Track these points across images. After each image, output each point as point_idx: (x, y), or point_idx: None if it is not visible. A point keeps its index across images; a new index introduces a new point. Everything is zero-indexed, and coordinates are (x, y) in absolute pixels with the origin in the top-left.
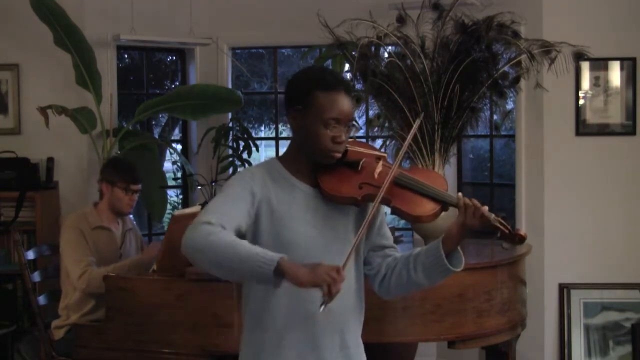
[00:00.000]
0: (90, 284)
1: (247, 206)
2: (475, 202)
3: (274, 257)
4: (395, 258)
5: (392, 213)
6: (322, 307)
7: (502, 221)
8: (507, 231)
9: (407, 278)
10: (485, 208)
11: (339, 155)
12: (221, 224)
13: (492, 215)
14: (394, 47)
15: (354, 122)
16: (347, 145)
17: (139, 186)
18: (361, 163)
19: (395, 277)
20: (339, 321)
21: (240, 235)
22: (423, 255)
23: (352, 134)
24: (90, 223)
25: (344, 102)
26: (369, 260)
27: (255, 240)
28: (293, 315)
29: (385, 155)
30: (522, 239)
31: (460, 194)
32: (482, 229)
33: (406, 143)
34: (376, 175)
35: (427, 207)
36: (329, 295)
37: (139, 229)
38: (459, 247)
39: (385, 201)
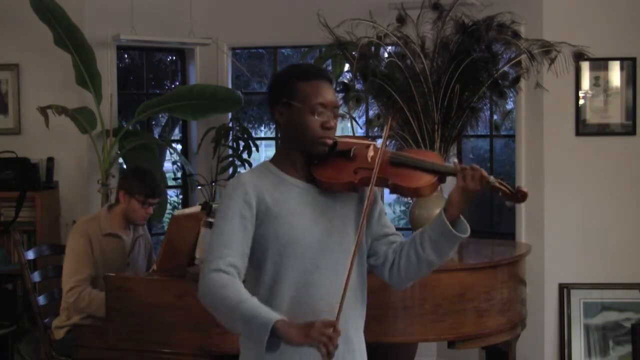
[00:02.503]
0: (78, 301)
1: (245, 222)
2: (475, 166)
3: (270, 322)
4: (400, 243)
5: (391, 192)
6: None
7: (502, 182)
8: (508, 191)
9: (416, 258)
10: (484, 171)
11: (330, 141)
12: (231, 263)
13: (491, 177)
14: (394, 47)
15: (343, 111)
16: (336, 138)
17: (157, 200)
18: (353, 150)
19: (404, 261)
20: (342, 316)
21: (246, 253)
22: (428, 230)
23: (339, 125)
24: (101, 229)
25: (327, 89)
26: (374, 251)
27: (258, 244)
28: (296, 313)
29: (375, 142)
30: (524, 195)
31: (456, 160)
32: (482, 191)
33: (386, 128)
34: (369, 159)
35: (424, 179)
36: (327, 355)
37: (149, 234)
38: (461, 216)
39: (383, 181)
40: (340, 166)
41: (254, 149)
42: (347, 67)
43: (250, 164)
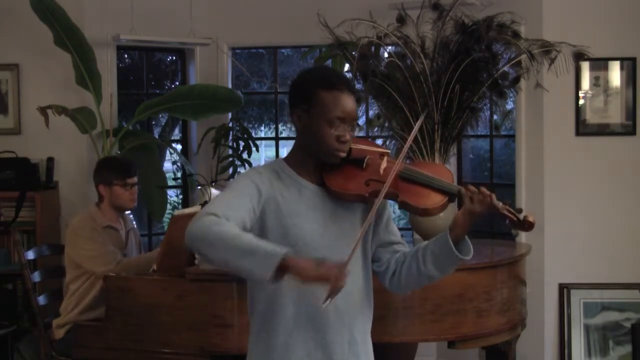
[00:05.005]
0: (126, 266)
1: (252, 202)
2: (483, 190)
3: (280, 251)
4: (404, 253)
5: (400, 207)
6: (326, 302)
7: (510, 209)
8: (515, 219)
9: (417, 271)
10: (493, 196)
11: (343, 154)
12: (226, 216)
13: (500, 204)
14: (394, 47)
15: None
16: (351, 144)
17: (136, 178)
18: (366, 160)
19: (405, 272)
20: (347, 318)
21: (245, 230)
22: (432, 246)
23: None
24: (99, 223)
25: (348, 101)
26: (378, 257)
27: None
28: (302, 314)
29: (389, 151)
30: (531, 225)
31: (470, 186)
32: (489, 216)
33: (410, 138)
34: (381, 171)
35: (434, 199)
36: (333, 292)
37: (137, 229)
38: (466, 236)
39: (393, 196)
40: (352, 175)
41: (254, 149)
42: (347, 67)
43: (250, 164)
